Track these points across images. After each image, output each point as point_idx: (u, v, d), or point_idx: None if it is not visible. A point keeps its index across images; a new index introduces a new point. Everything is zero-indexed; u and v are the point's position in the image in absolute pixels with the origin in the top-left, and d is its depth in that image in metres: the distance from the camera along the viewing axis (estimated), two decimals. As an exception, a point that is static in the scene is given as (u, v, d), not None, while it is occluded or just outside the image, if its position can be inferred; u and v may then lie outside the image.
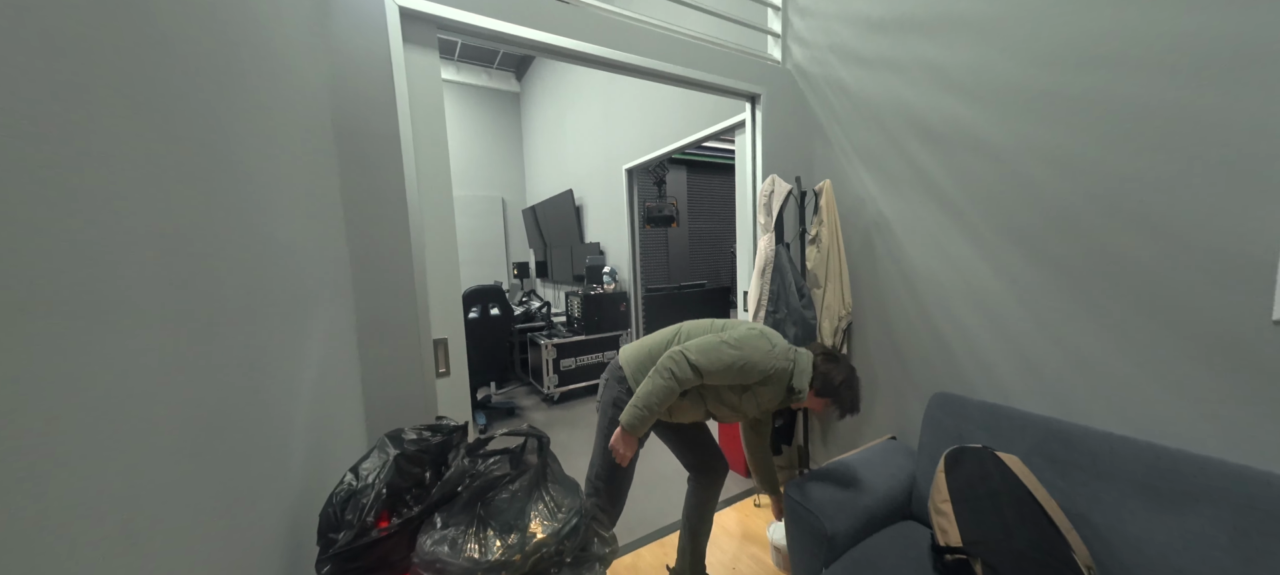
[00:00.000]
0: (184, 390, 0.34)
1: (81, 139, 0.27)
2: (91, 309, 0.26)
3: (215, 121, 0.42)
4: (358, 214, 1.11)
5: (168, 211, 0.33)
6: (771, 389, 1.13)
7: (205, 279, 0.38)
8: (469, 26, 1.25)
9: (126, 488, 0.28)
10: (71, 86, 0.26)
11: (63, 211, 0.25)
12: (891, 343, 1.68)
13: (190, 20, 0.39)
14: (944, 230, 1.47)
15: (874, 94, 1.66)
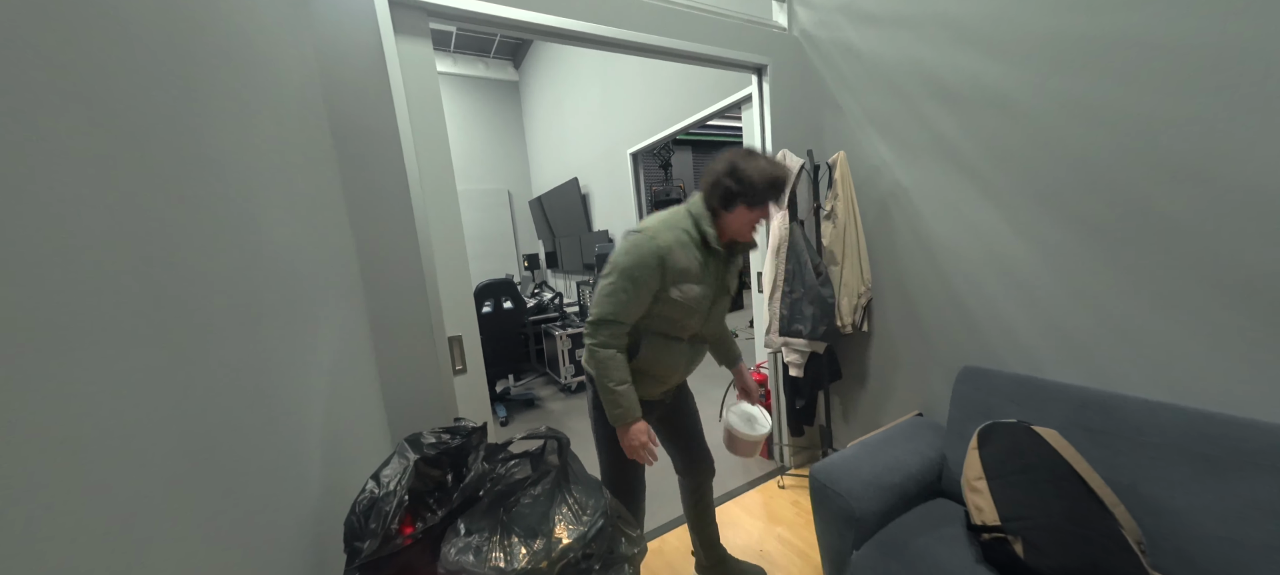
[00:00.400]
0: (174, 411, 0.32)
1: (16, 139, 0.24)
2: (49, 333, 0.24)
3: (181, 119, 0.39)
4: (361, 213, 1.09)
5: (133, 218, 0.31)
6: (684, 261, 0.96)
7: (188, 288, 0.36)
8: (460, 11, 1.20)
9: (120, 527, 0.26)
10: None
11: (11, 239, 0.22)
12: (914, 317, 1.63)
13: (142, 9, 0.36)
14: (965, 196, 1.40)
15: (886, 55, 1.57)
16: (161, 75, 0.36)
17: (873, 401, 1.85)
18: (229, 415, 0.39)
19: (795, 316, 1.72)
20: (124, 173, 0.31)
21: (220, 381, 0.38)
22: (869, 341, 1.83)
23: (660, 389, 1.11)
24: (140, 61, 0.34)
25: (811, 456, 2.07)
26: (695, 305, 1.00)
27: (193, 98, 0.41)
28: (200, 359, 0.36)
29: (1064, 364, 1.21)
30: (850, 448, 1.32)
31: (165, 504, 0.30)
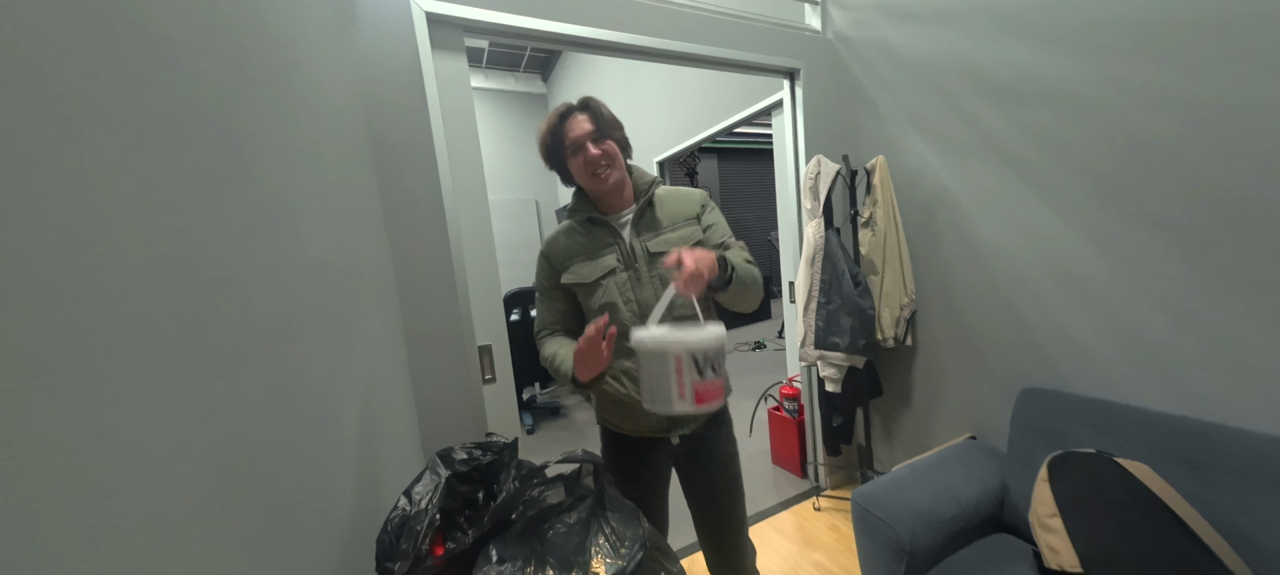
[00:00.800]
0: (209, 435, 0.31)
1: (58, 160, 0.23)
2: (89, 365, 0.23)
3: (225, 136, 0.39)
4: (397, 223, 1.11)
5: (174, 238, 0.30)
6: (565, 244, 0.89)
7: (227, 308, 0.35)
8: (493, 25, 1.22)
9: (149, 554, 0.25)
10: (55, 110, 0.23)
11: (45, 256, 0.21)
12: (963, 331, 1.51)
13: (187, 28, 0.36)
14: (1019, 197, 1.29)
15: (928, 53, 1.48)
16: (206, 92, 0.36)
17: (918, 421, 1.73)
18: (263, 432, 0.38)
19: (832, 329, 1.64)
20: (166, 189, 0.30)
21: (255, 398, 0.37)
22: (913, 356, 1.71)
23: (647, 421, 0.88)
24: (184, 77, 0.34)
25: (849, 476, 1.95)
26: (600, 284, 0.87)
27: (236, 115, 0.41)
28: (236, 376, 0.35)
29: (1147, 386, 1.08)
30: (896, 471, 1.23)
31: (196, 527, 0.29)
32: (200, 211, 0.33)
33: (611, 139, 0.86)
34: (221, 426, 0.32)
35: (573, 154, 0.87)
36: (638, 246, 0.87)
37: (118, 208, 0.26)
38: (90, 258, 0.23)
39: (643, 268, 0.86)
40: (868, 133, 1.76)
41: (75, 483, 0.21)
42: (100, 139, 0.25)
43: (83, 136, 0.24)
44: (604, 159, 0.85)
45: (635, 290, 0.86)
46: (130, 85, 0.28)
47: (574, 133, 0.85)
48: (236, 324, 0.35)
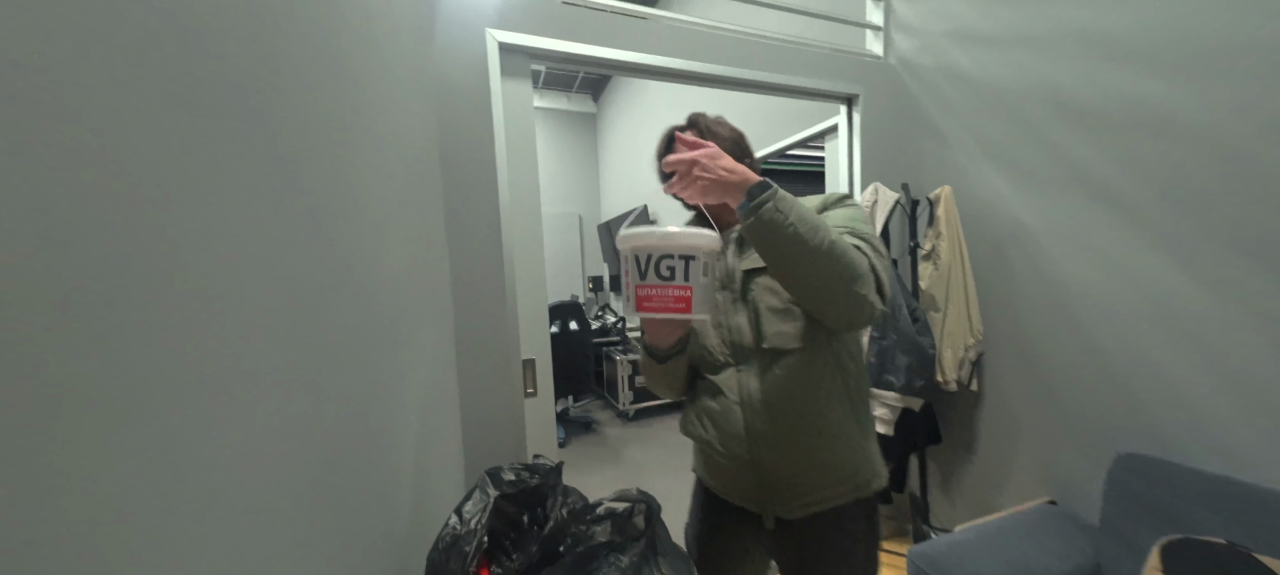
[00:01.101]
0: (297, 448, 0.33)
1: (195, 201, 0.25)
2: (207, 386, 0.24)
3: (339, 164, 0.42)
4: (457, 238, 1.17)
5: (293, 259, 0.33)
6: None
7: (323, 324, 0.37)
8: (557, 53, 1.27)
9: (257, 547, 0.26)
10: (203, 155, 0.25)
11: (173, 284, 0.23)
12: (1039, 379, 1.36)
13: (317, 66, 0.39)
14: (1117, 238, 1.16)
15: (1006, 79, 1.39)
16: (328, 127, 0.40)
17: (984, 477, 1.56)
18: (344, 440, 0.40)
19: (886, 366, 1.53)
20: (289, 214, 0.33)
21: (341, 407, 0.39)
22: (978, 403, 1.56)
23: (732, 479, 0.73)
24: (312, 115, 0.38)
25: (899, 528, 1.79)
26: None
27: (346, 145, 0.45)
28: (331, 385, 0.37)
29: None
30: (960, 532, 1.11)
31: (293, 527, 0.30)
32: (314, 234, 0.36)
33: None
34: (313, 438, 0.34)
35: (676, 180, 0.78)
36: (737, 267, 0.74)
37: (248, 231, 0.28)
38: (226, 278, 0.25)
39: (740, 290, 0.73)
40: (931, 161, 1.66)
41: (209, 486, 0.22)
42: (243, 172, 0.28)
43: (231, 172, 0.27)
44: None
45: (728, 314, 0.73)
46: (267, 119, 0.31)
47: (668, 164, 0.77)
48: (333, 336, 0.38)
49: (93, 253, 0.18)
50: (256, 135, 0.30)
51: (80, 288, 0.17)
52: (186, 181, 0.23)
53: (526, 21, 1.24)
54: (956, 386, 1.52)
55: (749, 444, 0.70)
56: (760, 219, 0.58)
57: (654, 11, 1.45)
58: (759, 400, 0.69)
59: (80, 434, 0.17)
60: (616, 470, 2.60)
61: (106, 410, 0.18)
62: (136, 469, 0.19)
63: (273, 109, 0.32)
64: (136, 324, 0.20)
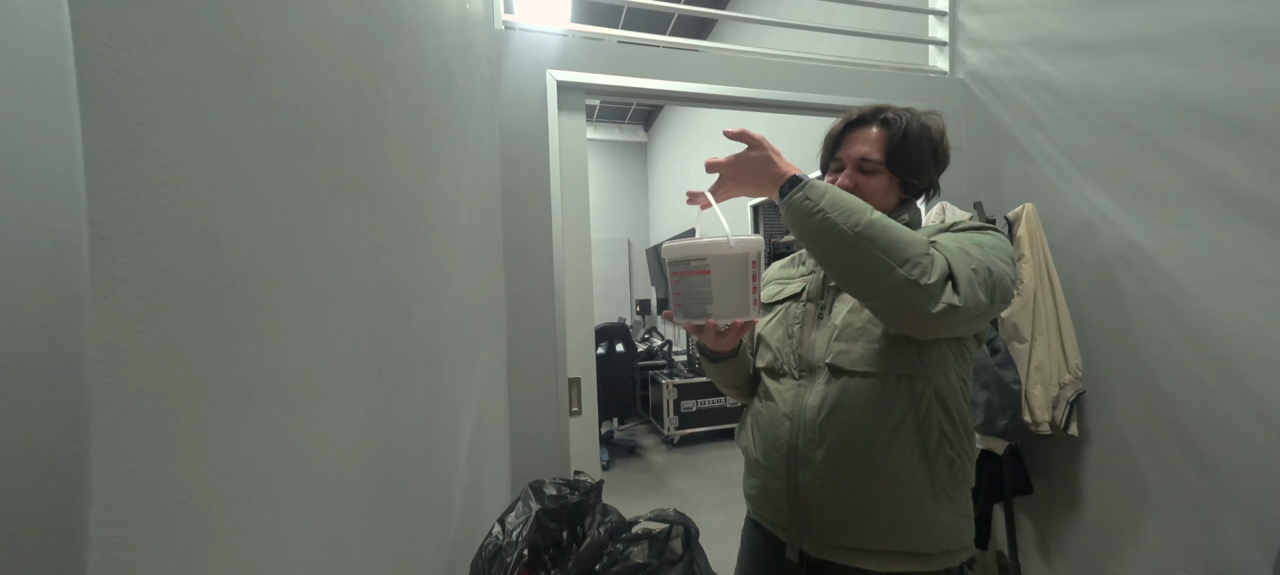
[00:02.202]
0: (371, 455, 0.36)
1: (319, 231, 0.30)
2: (307, 383, 0.28)
3: (417, 195, 0.48)
4: (513, 260, 1.25)
5: (376, 277, 0.38)
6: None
7: (399, 336, 0.42)
8: (612, 88, 1.35)
9: (326, 549, 0.29)
10: (324, 188, 0.30)
11: (293, 292, 0.28)
12: (1176, 430, 1.14)
13: (404, 113, 0.45)
14: (1272, 261, 0.96)
15: (1108, 86, 1.24)
16: (410, 164, 0.46)
17: (1095, 538, 1.33)
18: (410, 447, 0.44)
19: (962, 405, 1.37)
20: (376, 236, 0.38)
21: (409, 416, 0.43)
22: (1080, 451, 1.35)
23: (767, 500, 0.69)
24: (398, 154, 0.44)
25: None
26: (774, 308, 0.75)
27: (424, 177, 0.51)
28: (401, 395, 0.41)
29: None
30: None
31: (360, 528, 0.34)
32: (395, 254, 0.41)
33: (890, 174, 0.67)
34: (387, 440, 0.38)
35: (834, 172, 0.71)
36: (820, 280, 0.71)
37: (344, 248, 0.33)
38: (327, 287, 0.30)
39: (833, 302, 0.69)
40: (1011, 178, 1.51)
41: (300, 472, 0.26)
42: (343, 200, 0.33)
43: (339, 202, 0.32)
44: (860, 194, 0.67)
45: (805, 328, 0.69)
46: (364, 157, 0.37)
47: (848, 149, 0.69)
48: (406, 347, 0.43)
49: (231, 260, 0.22)
50: (356, 169, 0.35)
51: (224, 286, 0.21)
52: (300, 206, 0.28)
53: (584, 60, 1.34)
54: (1050, 429, 1.32)
55: (788, 461, 0.66)
56: (792, 209, 0.57)
57: (706, 44, 1.50)
58: (810, 418, 0.65)
59: (213, 413, 0.21)
60: (660, 498, 2.54)
61: (232, 395, 0.22)
62: (246, 450, 0.23)
63: (369, 149, 0.38)
64: (257, 320, 0.24)
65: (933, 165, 0.68)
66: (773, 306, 0.76)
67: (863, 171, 0.67)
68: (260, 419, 0.24)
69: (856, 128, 0.69)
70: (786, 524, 0.67)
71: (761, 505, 0.72)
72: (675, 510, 0.50)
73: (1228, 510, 1.05)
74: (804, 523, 0.65)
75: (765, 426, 0.70)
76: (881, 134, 0.66)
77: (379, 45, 0.39)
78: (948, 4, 1.67)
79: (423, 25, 0.51)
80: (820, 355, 0.67)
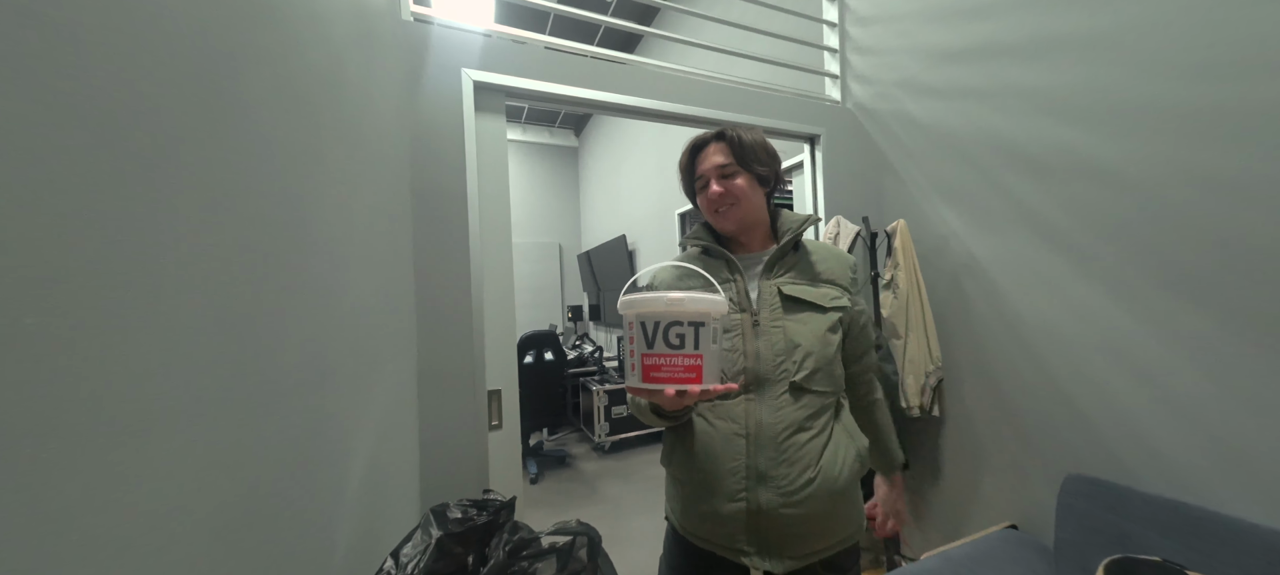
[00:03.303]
0: (224, 490, 0.32)
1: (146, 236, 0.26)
2: (126, 417, 0.24)
3: (298, 200, 0.43)
4: (425, 269, 1.17)
5: (229, 292, 0.33)
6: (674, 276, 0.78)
7: (267, 355, 0.37)
8: (535, 92, 1.33)
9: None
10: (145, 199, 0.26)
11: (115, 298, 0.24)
12: (1001, 405, 1.41)
13: (273, 107, 0.41)
14: (1061, 273, 1.24)
15: (953, 125, 1.51)
16: (282, 163, 0.41)
17: (951, 502, 1.58)
18: (276, 479, 0.39)
19: (854, 395, 1.56)
20: (228, 246, 0.33)
21: (275, 445, 0.38)
22: (941, 428, 1.60)
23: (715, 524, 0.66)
24: (265, 152, 0.39)
25: (874, 559, 1.77)
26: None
27: (310, 179, 0.46)
28: (263, 427, 0.36)
29: (1239, 495, 0.94)
30: (927, 560, 1.11)
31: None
32: (260, 264, 0.36)
33: (749, 173, 0.74)
34: (239, 474, 0.33)
35: (700, 190, 0.77)
36: (767, 289, 0.71)
37: (183, 260, 0.29)
38: (151, 310, 0.26)
39: (764, 314, 0.69)
40: (890, 197, 1.77)
41: (114, 528, 0.22)
42: (185, 206, 0.29)
43: (176, 207, 0.27)
44: (727, 197, 0.74)
45: (747, 339, 0.68)
46: (212, 157, 0.32)
47: (703, 166, 0.76)
48: (273, 369, 0.37)
49: (25, 269, 0.18)
50: (200, 169, 0.31)
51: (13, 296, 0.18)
52: (121, 210, 0.24)
53: (507, 62, 1.30)
54: (920, 412, 1.56)
55: (748, 481, 0.64)
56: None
57: (632, 58, 1.54)
58: (770, 436, 0.64)
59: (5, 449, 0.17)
60: (592, 508, 2.51)
61: (31, 425, 0.18)
62: (48, 492, 0.19)
63: (220, 145, 0.33)
64: (61, 339, 0.20)
65: (769, 158, 0.78)
66: None
67: (725, 176, 0.75)
68: (68, 453, 0.20)
69: (702, 149, 0.78)
70: (746, 546, 0.65)
71: (711, 529, 0.67)
72: (577, 521, 0.51)
73: (1032, 463, 1.33)
74: (765, 543, 0.64)
75: (716, 447, 0.66)
76: (724, 146, 0.76)
77: (233, 31, 0.35)
78: (838, 43, 1.91)
79: (298, 10, 0.46)
80: (770, 368, 0.67)
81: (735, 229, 0.76)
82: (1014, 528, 1.32)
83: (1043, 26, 1.26)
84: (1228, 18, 0.94)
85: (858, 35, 1.86)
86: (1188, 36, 0.99)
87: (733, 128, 0.77)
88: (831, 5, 1.93)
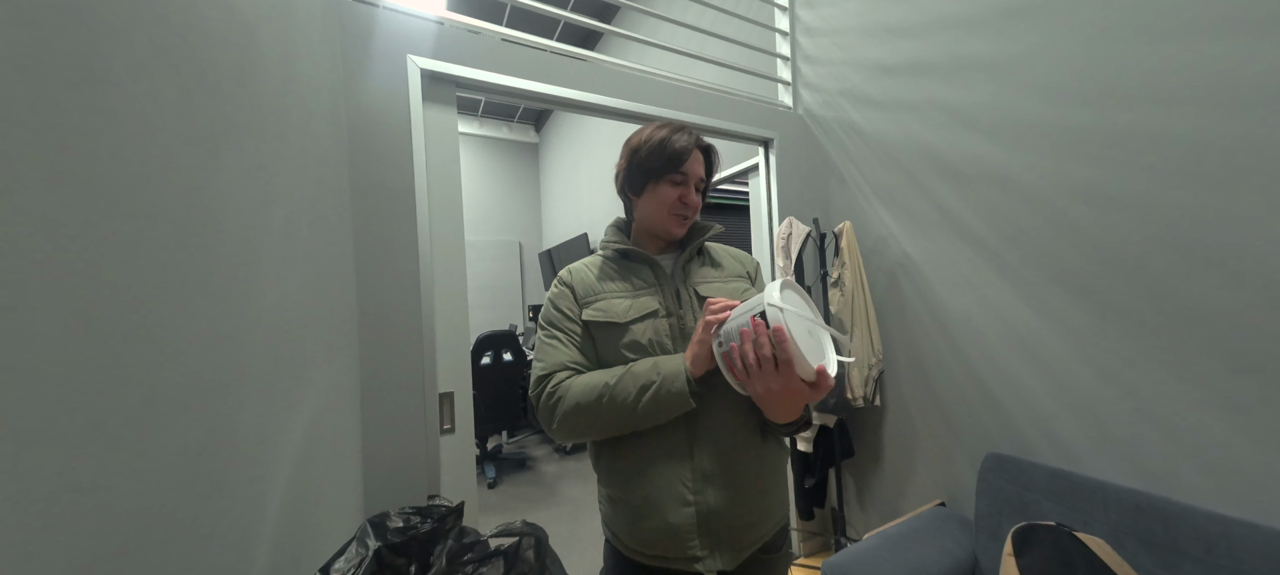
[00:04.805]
0: (87, 511, 0.28)
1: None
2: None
3: (191, 189, 0.39)
4: (368, 268, 1.10)
5: (91, 294, 0.29)
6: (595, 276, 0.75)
7: (144, 365, 0.33)
8: (487, 84, 1.28)
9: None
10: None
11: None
12: (931, 393, 1.54)
13: (163, 82, 0.37)
14: (978, 271, 1.38)
15: (890, 134, 1.63)
16: (177, 144, 0.37)
17: (890, 484, 1.71)
18: (164, 503, 0.35)
19: (804, 387, 1.64)
20: (86, 245, 0.30)
21: (161, 464, 0.34)
22: (883, 416, 1.72)
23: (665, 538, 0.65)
24: (154, 130, 0.35)
25: (825, 543, 1.88)
26: (630, 329, 0.69)
27: (209, 166, 0.41)
28: (139, 441, 0.32)
29: (1106, 461, 1.10)
30: (867, 540, 1.19)
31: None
32: (130, 261, 0.32)
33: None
34: (106, 500, 0.29)
35: (674, 183, 0.74)
36: (684, 292, 0.73)
37: (23, 262, 0.25)
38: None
39: (689, 317, 0.71)
40: (836, 199, 1.87)
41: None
42: (21, 193, 0.25)
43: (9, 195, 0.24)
44: (694, 210, 0.76)
45: (678, 342, 0.69)
46: (48, 131, 0.28)
47: (691, 167, 0.74)
48: (152, 382, 0.33)
49: None
50: (45, 153, 0.27)
51: None
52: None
53: (459, 52, 1.24)
54: (864, 403, 1.67)
55: (696, 487, 0.65)
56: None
57: (592, 55, 1.52)
58: (710, 437, 0.66)
59: None
60: (551, 510, 2.47)
61: None
62: None
63: (69, 127, 0.29)
64: None
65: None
66: (626, 327, 0.70)
67: (699, 190, 0.77)
68: None
69: (695, 152, 0.76)
70: (698, 550, 0.65)
71: (664, 543, 0.65)
72: (523, 521, 0.50)
73: (957, 445, 1.46)
74: (717, 541, 0.65)
75: (659, 458, 0.65)
76: (704, 160, 0.77)
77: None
78: (790, 51, 2.00)
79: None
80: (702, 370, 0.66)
81: (675, 237, 0.78)
82: (943, 505, 1.44)
83: (960, 48, 1.39)
84: (1099, 53, 1.08)
85: (807, 45, 1.96)
86: (1070, 65, 1.13)
87: (712, 148, 0.79)
88: (783, 15, 2.02)
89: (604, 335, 0.71)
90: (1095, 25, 1.08)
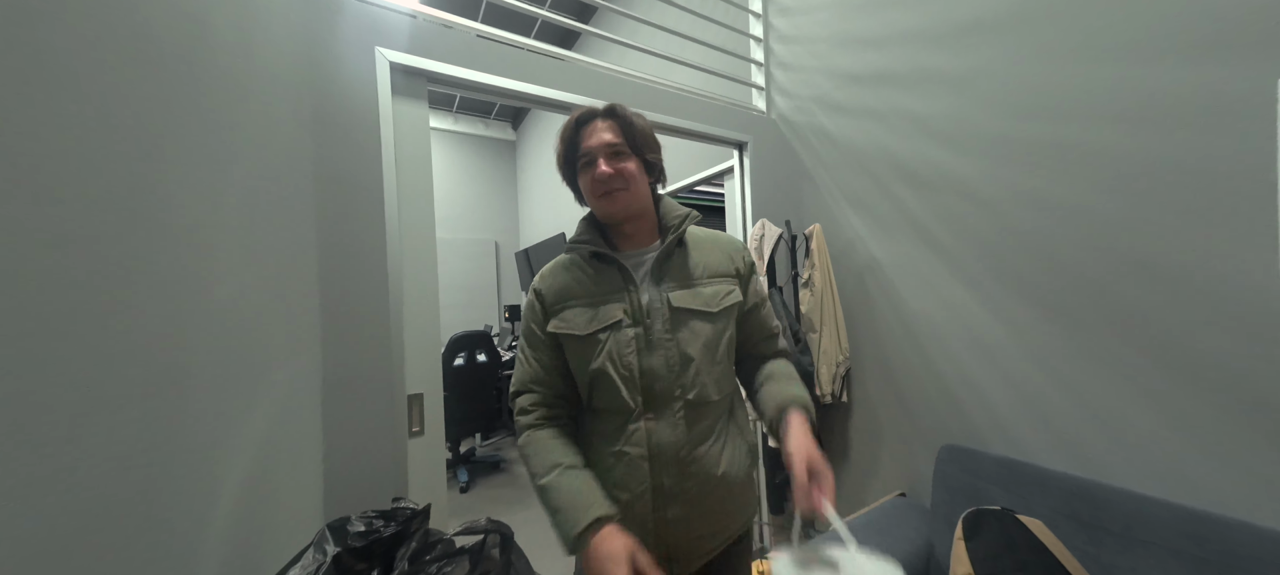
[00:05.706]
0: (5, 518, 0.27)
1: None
2: None
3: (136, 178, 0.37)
4: (333, 264, 1.06)
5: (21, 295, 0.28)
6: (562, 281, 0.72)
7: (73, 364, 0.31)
8: (461, 80, 1.26)
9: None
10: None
11: None
12: (894, 390, 1.61)
13: (105, 66, 0.35)
14: (938, 274, 1.45)
15: (858, 141, 1.70)
16: (115, 129, 0.35)
17: (856, 478, 1.77)
18: (98, 508, 0.33)
19: (776, 385, 1.69)
20: (26, 241, 0.28)
21: (95, 467, 0.32)
22: (850, 413, 1.79)
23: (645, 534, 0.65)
24: (96, 116, 0.33)
25: (786, 536, 1.93)
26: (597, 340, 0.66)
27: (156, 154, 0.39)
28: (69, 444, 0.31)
29: (1049, 449, 1.19)
30: (832, 531, 1.24)
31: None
32: (67, 254, 0.31)
33: (637, 158, 0.69)
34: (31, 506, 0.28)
35: (583, 168, 0.70)
36: (656, 298, 0.68)
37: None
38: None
39: (657, 327, 0.66)
40: (808, 202, 1.94)
41: None
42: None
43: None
44: (617, 178, 0.67)
45: (642, 356, 0.65)
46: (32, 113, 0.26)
47: (589, 141, 0.69)
48: (84, 381, 0.32)
49: None
50: None
51: None
52: None
53: (432, 46, 1.21)
54: (832, 399, 1.73)
55: (654, 502, 0.64)
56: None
57: (570, 54, 1.52)
58: (671, 456, 0.65)
59: None
60: (524, 513, 2.44)
61: None
62: None
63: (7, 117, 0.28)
64: None
65: (656, 146, 0.73)
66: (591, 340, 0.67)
67: (615, 155, 0.69)
68: None
69: (588, 123, 0.70)
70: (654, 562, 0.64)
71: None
72: (487, 519, 0.49)
73: (917, 438, 1.54)
74: (675, 553, 0.66)
75: (619, 476, 0.65)
76: (614, 124, 0.69)
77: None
78: (764, 57, 2.05)
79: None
80: (665, 386, 0.65)
81: (622, 216, 0.70)
82: (903, 496, 1.51)
83: (922, 61, 1.46)
84: (1046, 72, 1.17)
85: (780, 51, 2.02)
86: (1021, 82, 1.22)
87: (622, 107, 0.71)
88: (757, 22, 2.07)
89: (570, 347, 0.69)
90: (1043, 45, 1.17)
